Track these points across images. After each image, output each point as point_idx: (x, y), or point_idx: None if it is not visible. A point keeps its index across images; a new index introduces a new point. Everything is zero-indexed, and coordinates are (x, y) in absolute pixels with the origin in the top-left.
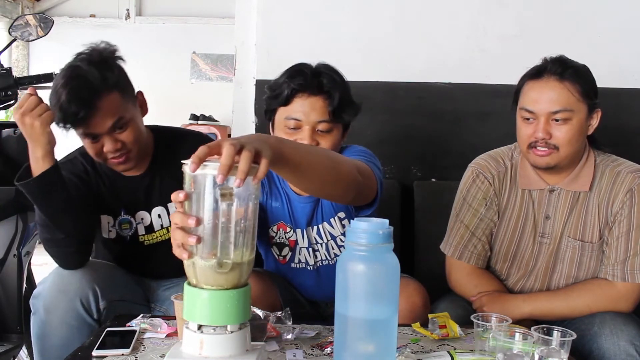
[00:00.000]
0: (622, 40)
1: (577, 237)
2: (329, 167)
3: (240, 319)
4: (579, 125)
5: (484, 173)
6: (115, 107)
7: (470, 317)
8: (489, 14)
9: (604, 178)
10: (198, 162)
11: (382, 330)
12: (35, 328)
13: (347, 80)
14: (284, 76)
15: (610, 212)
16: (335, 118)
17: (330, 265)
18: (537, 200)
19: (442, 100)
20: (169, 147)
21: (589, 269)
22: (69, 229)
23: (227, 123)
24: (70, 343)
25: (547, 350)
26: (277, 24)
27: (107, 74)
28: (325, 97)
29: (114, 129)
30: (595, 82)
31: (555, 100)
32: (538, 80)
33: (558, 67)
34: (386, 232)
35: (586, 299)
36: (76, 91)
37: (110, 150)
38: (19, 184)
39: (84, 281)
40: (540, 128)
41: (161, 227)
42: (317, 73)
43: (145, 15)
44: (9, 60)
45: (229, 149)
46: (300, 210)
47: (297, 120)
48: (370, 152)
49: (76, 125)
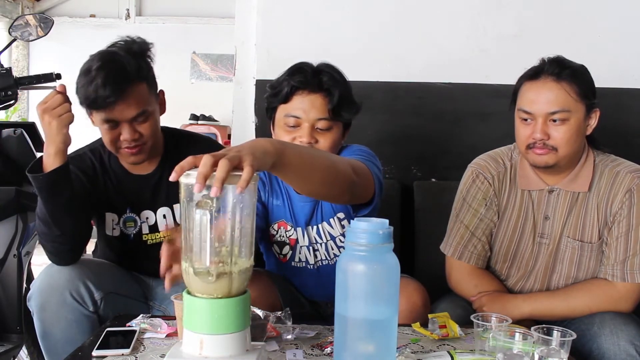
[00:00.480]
0: (621, 40)
1: (576, 237)
2: (328, 167)
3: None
4: (577, 125)
5: (484, 173)
6: (142, 98)
7: (470, 317)
8: (489, 14)
9: (603, 178)
10: (179, 171)
11: (382, 331)
12: (37, 329)
13: (348, 80)
14: (285, 74)
15: (610, 212)
16: (334, 116)
17: (330, 265)
18: (536, 200)
19: (442, 100)
20: (178, 149)
21: (589, 269)
22: (67, 228)
23: (227, 123)
24: (72, 336)
25: (547, 350)
26: (277, 24)
27: (141, 65)
28: (325, 95)
29: (135, 119)
30: (593, 82)
31: (553, 101)
32: (535, 81)
33: (555, 67)
34: (386, 232)
35: (586, 299)
36: (112, 75)
37: (127, 139)
38: (30, 175)
39: (72, 274)
40: (538, 129)
41: (165, 228)
42: (318, 71)
43: (145, 15)
44: (9, 60)
45: (208, 158)
46: (300, 209)
47: (296, 117)
48: (369, 151)
49: (103, 108)
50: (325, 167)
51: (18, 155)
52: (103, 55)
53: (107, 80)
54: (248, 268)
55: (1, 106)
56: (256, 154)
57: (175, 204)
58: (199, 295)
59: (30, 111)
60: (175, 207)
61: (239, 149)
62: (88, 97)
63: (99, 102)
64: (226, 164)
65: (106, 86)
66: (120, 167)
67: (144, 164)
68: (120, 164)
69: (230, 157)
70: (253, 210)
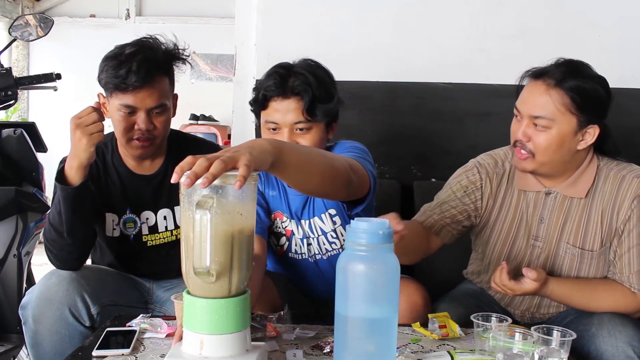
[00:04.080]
0: (621, 41)
1: (577, 244)
2: (326, 166)
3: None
4: (559, 136)
5: (479, 168)
6: (165, 91)
7: (470, 317)
8: (489, 14)
9: (607, 182)
10: (180, 172)
11: (382, 330)
12: (28, 337)
13: (327, 77)
14: (261, 79)
15: (616, 220)
16: (311, 117)
17: (324, 259)
18: (532, 202)
19: (442, 100)
20: (181, 151)
21: (588, 276)
22: (79, 238)
23: (227, 123)
24: (63, 350)
25: (547, 350)
26: (277, 24)
27: (172, 59)
28: (299, 99)
29: (154, 109)
30: (603, 98)
31: (538, 106)
32: (535, 81)
33: (560, 72)
34: (386, 232)
35: (610, 300)
36: (147, 61)
37: (141, 129)
38: (59, 185)
39: (70, 289)
40: (521, 129)
41: (165, 229)
42: (290, 74)
43: (145, 15)
44: (9, 60)
45: (203, 160)
46: (292, 201)
47: (275, 123)
48: (361, 146)
49: (127, 90)
50: (324, 165)
51: (18, 155)
52: (138, 41)
53: (142, 64)
54: (247, 268)
55: (1, 106)
56: (254, 153)
57: (176, 205)
58: (199, 295)
59: (30, 111)
60: (176, 209)
61: (237, 149)
62: (117, 77)
63: (127, 84)
64: (220, 164)
65: (140, 70)
66: (123, 166)
67: (147, 164)
68: (124, 163)
69: (225, 158)
70: (253, 210)
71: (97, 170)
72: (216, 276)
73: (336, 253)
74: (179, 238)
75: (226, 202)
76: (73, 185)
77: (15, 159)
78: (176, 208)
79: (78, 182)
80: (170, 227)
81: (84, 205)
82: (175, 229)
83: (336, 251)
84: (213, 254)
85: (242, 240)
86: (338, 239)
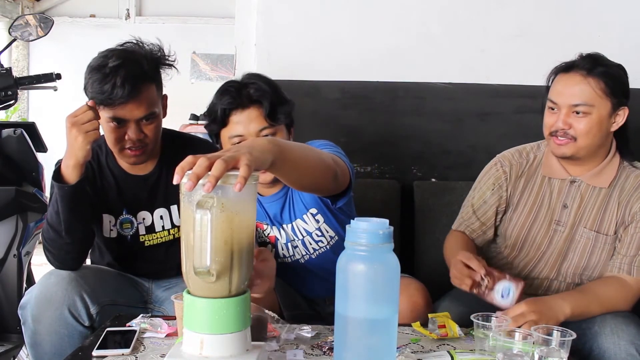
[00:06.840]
0: (621, 40)
1: (593, 228)
2: (318, 160)
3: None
4: (599, 120)
5: (502, 161)
6: (152, 99)
7: (470, 317)
8: (489, 14)
9: (628, 180)
10: (181, 173)
11: (382, 330)
12: (27, 337)
13: (275, 83)
14: (213, 99)
15: (629, 213)
16: (274, 122)
17: (313, 258)
18: (556, 188)
19: (442, 100)
20: (175, 151)
21: (599, 261)
22: (77, 237)
23: None
24: (63, 350)
25: (547, 350)
26: (277, 24)
27: (157, 67)
28: (259, 106)
29: (143, 119)
30: (626, 82)
31: (577, 95)
32: (566, 73)
33: (587, 63)
34: (386, 232)
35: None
36: (131, 75)
37: (132, 139)
38: (56, 184)
39: (70, 289)
40: (561, 119)
41: (162, 229)
42: (243, 86)
43: (145, 15)
44: (9, 60)
45: (203, 159)
46: (268, 208)
47: (239, 136)
48: (333, 143)
49: (114, 105)
50: (315, 160)
51: (18, 155)
52: (121, 53)
53: (127, 79)
54: (247, 268)
55: (1, 106)
56: (254, 152)
57: (172, 205)
58: (199, 295)
59: (30, 111)
60: (172, 209)
61: (237, 149)
62: (102, 93)
63: (113, 100)
64: (221, 164)
65: (125, 85)
66: (118, 167)
67: (141, 165)
68: (118, 164)
69: (226, 158)
70: (254, 210)
71: (92, 172)
72: (216, 276)
73: (324, 250)
74: (176, 237)
75: (227, 201)
76: (70, 183)
77: (15, 159)
78: (172, 207)
79: (75, 180)
80: (167, 227)
81: (81, 203)
82: (172, 228)
83: (324, 248)
84: (213, 254)
85: (242, 240)
86: (324, 236)
